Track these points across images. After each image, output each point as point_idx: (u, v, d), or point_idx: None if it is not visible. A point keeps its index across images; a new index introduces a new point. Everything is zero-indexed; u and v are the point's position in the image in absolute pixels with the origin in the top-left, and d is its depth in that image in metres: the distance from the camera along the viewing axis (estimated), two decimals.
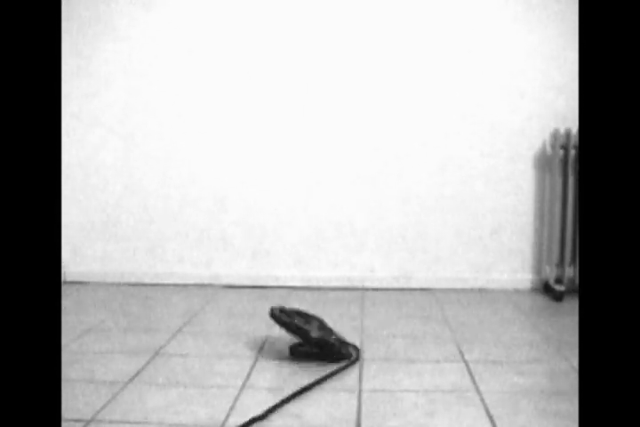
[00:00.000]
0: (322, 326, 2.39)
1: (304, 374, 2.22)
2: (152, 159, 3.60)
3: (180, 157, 3.60)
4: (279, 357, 2.39)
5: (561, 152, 3.39)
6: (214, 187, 3.60)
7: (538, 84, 3.49)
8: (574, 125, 3.50)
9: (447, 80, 3.51)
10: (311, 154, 3.56)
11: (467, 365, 2.31)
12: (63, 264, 3.69)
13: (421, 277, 3.59)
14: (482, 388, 2.09)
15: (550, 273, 3.42)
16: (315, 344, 2.31)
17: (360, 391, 2.06)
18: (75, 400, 1.96)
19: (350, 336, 2.66)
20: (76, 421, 1.81)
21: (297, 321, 2.34)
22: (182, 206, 3.62)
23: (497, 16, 3.47)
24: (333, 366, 2.29)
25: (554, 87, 3.49)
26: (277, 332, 2.72)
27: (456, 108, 3.52)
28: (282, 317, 2.34)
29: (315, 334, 2.32)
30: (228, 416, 1.86)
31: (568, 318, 2.97)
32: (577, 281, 3.38)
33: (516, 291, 3.55)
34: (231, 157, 3.58)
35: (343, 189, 3.57)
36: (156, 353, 2.43)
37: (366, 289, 3.58)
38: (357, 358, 2.36)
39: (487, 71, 3.50)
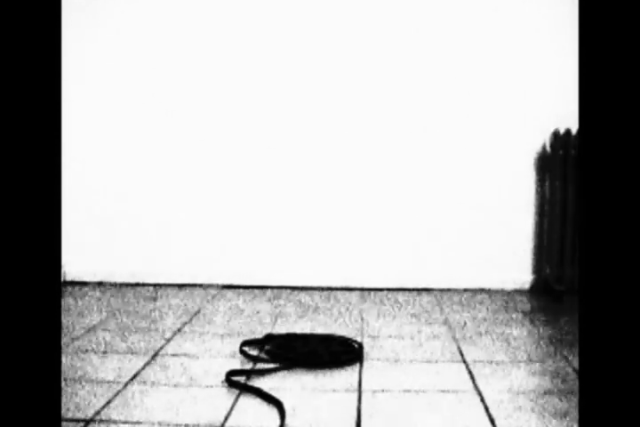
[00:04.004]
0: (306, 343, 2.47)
1: (304, 373, 2.22)
2: (147, 163, 3.60)
3: (174, 164, 3.60)
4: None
5: (561, 152, 3.39)
6: (213, 188, 3.60)
7: (538, 83, 3.49)
8: (574, 125, 3.50)
9: (447, 80, 3.51)
10: (315, 156, 3.56)
11: (467, 365, 2.31)
12: (63, 264, 3.69)
13: (421, 278, 3.59)
14: (482, 388, 2.09)
15: (550, 273, 3.42)
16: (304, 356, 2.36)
17: (360, 391, 2.06)
18: (75, 400, 1.96)
19: (350, 337, 2.66)
20: (76, 421, 1.81)
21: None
22: (182, 207, 3.62)
23: (497, 16, 3.48)
24: (334, 368, 2.29)
25: (554, 87, 3.49)
26: (278, 332, 2.72)
27: (456, 109, 3.52)
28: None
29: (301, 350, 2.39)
30: (228, 416, 1.86)
31: (568, 318, 2.97)
32: (577, 281, 3.38)
33: (516, 291, 3.55)
34: (232, 158, 3.58)
35: (343, 189, 3.57)
36: (156, 353, 2.43)
37: (366, 289, 3.58)
38: (360, 356, 2.36)
39: (487, 72, 3.50)
